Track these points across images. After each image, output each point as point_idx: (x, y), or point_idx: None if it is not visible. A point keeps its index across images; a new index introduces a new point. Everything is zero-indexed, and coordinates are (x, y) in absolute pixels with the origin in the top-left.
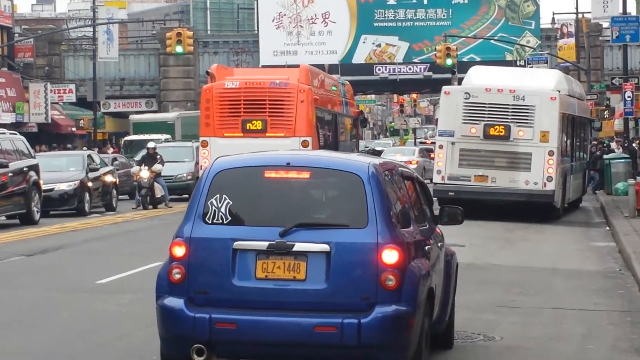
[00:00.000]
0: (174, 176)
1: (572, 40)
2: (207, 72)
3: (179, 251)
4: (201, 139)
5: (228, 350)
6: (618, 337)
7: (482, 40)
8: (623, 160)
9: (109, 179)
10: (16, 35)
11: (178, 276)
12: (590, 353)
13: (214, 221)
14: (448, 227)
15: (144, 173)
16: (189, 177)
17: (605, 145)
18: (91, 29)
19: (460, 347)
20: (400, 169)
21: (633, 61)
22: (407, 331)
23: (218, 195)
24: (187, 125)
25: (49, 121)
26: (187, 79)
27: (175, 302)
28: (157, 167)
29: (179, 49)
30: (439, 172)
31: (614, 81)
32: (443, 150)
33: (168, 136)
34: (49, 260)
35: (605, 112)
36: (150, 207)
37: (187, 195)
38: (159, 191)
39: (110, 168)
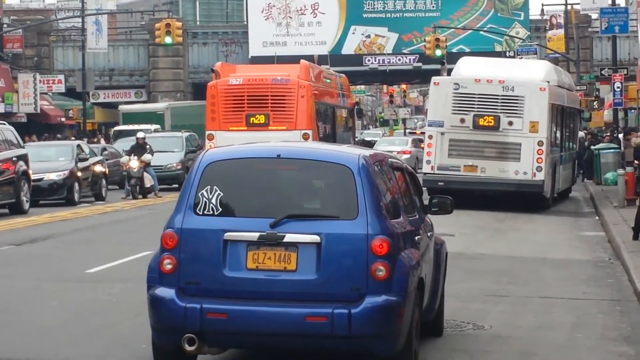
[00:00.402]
0: (164, 166)
1: (561, 32)
2: (212, 70)
3: (170, 242)
4: (207, 132)
5: (219, 340)
6: (607, 326)
7: (471, 31)
8: (612, 150)
9: (98, 168)
10: (5, 25)
11: (169, 267)
12: (579, 342)
13: (205, 212)
14: (437, 216)
15: (134, 163)
16: (179, 167)
17: (593, 136)
18: (80, 19)
19: (449, 336)
20: (390, 160)
21: (622, 52)
22: (397, 321)
23: (209, 187)
24: (176, 116)
25: (38, 111)
26: (176, 69)
27: (166, 292)
28: (146, 157)
29: (168, 39)
30: (428, 162)
31: (603, 72)
32: (432, 140)
33: (157, 126)
34: (38, 250)
35: (595, 103)
36: (140, 196)
37: (177, 185)
38: (148, 181)
39: (99, 158)
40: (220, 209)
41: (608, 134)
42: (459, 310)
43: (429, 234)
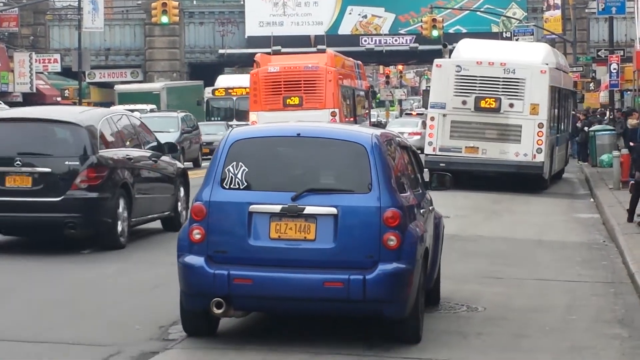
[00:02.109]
0: None
1: (558, 12)
2: (254, 60)
3: (199, 214)
4: (251, 113)
5: (244, 304)
6: (601, 308)
7: (468, 11)
8: (608, 132)
9: None
10: (1, 4)
11: (198, 236)
12: (573, 324)
13: (231, 186)
14: (434, 198)
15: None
16: None
17: (588, 118)
18: None
19: (443, 318)
20: (397, 139)
21: (619, 33)
22: (406, 287)
23: (234, 163)
24: (172, 96)
25: (34, 91)
26: (172, 49)
27: (196, 260)
28: None
29: (164, 19)
30: (430, 143)
31: (599, 53)
32: (434, 122)
33: (153, 106)
34: None
35: (591, 84)
36: None
37: None
38: None
39: None
40: (245, 184)
41: (604, 116)
42: (453, 291)
43: (430, 208)
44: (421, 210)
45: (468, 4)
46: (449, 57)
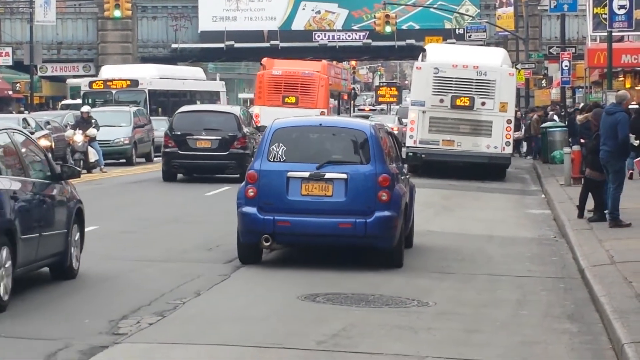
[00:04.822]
0: (111, 140)
1: (510, 9)
2: (261, 63)
3: (252, 178)
4: (254, 107)
5: (284, 239)
6: (551, 303)
7: (421, 8)
8: (560, 128)
9: (43, 142)
10: None
11: (251, 193)
12: (523, 319)
13: (274, 160)
14: None
15: (78, 137)
16: (127, 142)
17: (546, 114)
18: None
19: (393, 312)
20: (385, 127)
21: (570, 31)
22: (393, 228)
23: (276, 144)
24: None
25: None
26: (125, 43)
27: (250, 209)
28: (91, 131)
29: (117, 13)
30: (411, 137)
31: (551, 50)
32: (415, 117)
33: None
34: None
35: (543, 81)
36: (84, 171)
37: (124, 160)
38: (92, 156)
39: (45, 132)
40: (284, 157)
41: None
42: (403, 286)
43: (407, 176)
44: (402, 177)
45: (421, 0)
46: (421, 60)
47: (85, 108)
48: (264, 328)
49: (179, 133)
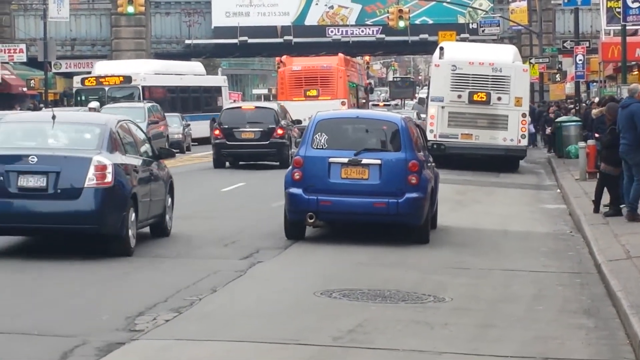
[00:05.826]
0: None
1: (524, 4)
2: (280, 61)
3: (298, 163)
4: (278, 101)
5: (326, 217)
6: (567, 299)
7: (434, 2)
8: (574, 123)
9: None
10: None
11: (297, 176)
12: (539, 314)
13: (317, 147)
14: None
15: None
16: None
17: (560, 109)
18: None
19: (410, 308)
20: (413, 120)
21: (584, 25)
22: (422, 208)
23: (319, 133)
24: None
25: (0, 81)
26: (138, 39)
27: (296, 190)
28: None
29: (130, 9)
30: (431, 131)
31: (565, 44)
32: (434, 113)
33: None
34: None
35: (557, 76)
36: None
37: None
38: None
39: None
40: (326, 145)
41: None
42: (419, 282)
43: (432, 164)
44: (428, 164)
45: None
46: (439, 57)
47: (93, 104)
48: (280, 324)
49: (226, 126)
